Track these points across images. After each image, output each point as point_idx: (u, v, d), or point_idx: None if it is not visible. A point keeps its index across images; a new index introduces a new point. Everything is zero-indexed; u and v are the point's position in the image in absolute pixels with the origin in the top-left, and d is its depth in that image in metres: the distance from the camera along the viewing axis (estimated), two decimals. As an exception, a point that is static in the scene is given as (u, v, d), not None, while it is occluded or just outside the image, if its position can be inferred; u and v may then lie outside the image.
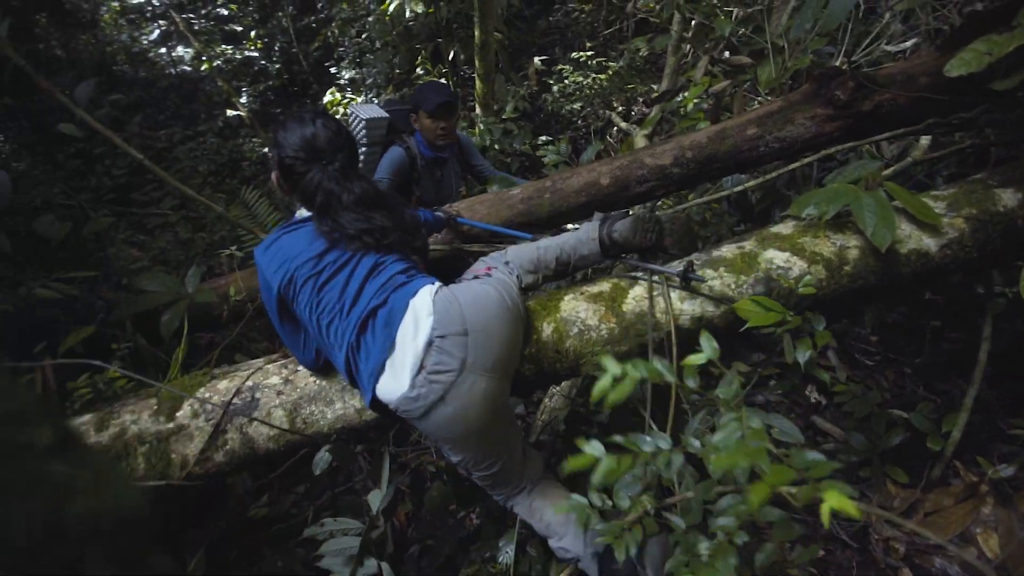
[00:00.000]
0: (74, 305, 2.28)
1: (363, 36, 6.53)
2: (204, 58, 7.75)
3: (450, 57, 5.86)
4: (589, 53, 6.00)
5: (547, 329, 1.38)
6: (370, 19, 5.81)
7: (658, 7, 3.09)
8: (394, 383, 1.18)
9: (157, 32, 8.48)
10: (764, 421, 0.72)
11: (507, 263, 1.43)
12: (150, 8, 8.49)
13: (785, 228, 1.54)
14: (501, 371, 1.22)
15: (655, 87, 5.84)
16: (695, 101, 3.07)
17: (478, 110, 5.30)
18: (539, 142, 5.20)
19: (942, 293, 2.27)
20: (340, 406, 1.37)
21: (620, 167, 2.01)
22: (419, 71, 5.80)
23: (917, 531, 1.48)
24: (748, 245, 1.50)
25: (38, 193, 4.06)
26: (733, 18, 3.63)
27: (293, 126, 1.30)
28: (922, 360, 2.19)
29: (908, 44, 2.78)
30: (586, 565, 1.30)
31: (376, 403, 1.22)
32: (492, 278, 1.33)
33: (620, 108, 6.00)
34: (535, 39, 7.31)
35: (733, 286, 1.41)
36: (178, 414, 1.37)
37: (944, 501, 1.68)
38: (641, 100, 6.02)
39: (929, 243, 1.46)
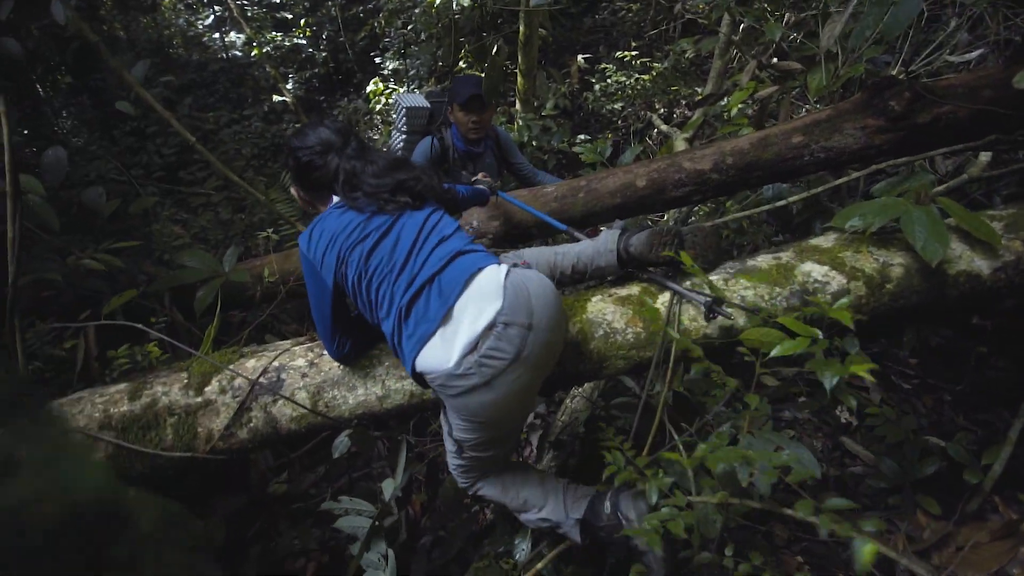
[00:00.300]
0: (118, 276, 2.38)
1: (408, 28, 6.59)
2: (255, 44, 7.95)
3: (493, 51, 5.86)
4: (634, 53, 5.92)
5: (572, 329, 1.37)
6: (416, 11, 5.84)
7: (707, 8, 3.01)
8: (441, 356, 1.14)
9: (212, 17, 8.74)
10: (780, 445, 0.70)
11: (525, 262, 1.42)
12: (208, -8, 8.75)
13: (826, 241, 1.49)
14: (544, 367, 1.21)
15: (699, 90, 5.72)
16: (739, 106, 3.00)
17: (518, 105, 5.28)
18: (577, 140, 5.16)
19: (991, 318, 2.16)
20: (362, 392, 1.39)
21: (657, 170, 1.97)
22: (461, 64, 5.82)
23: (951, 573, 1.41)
24: (785, 256, 1.46)
25: (93, 168, 4.24)
26: (784, 23, 3.53)
27: (303, 132, 1.36)
28: (963, 387, 2.09)
29: (973, 55, 2.65)
30: (568, 530, 1.32)
31: (415, 372, 1.20)
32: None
33: (662, 110, 5.91)
34: (579, 37, 7.25)
35: (766, 298, 1.37)
36: (207, 389, 1.41)
37: (979, 537, 1.59)
38: (684, 103, 5.91)
39: (981, 265, 1.39)
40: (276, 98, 7.47)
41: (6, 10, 2.03)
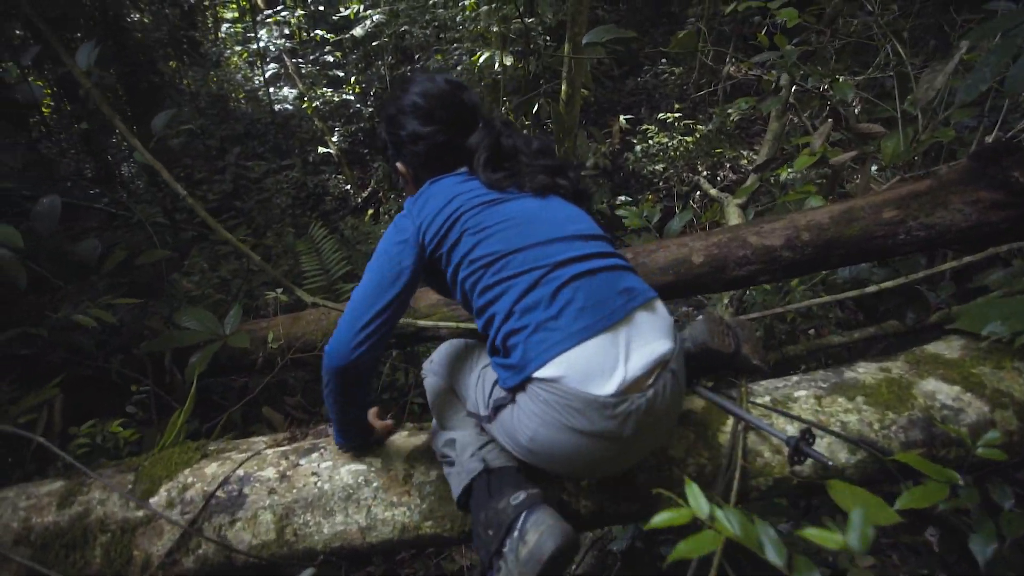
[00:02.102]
0: (113, 333, 2.19)
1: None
2: (306, 98, 8.23)
3: (534, 110, 5.80)
4: (677, 115, 5.77)
5: (612, 454, 1.05)
6: (458, 68, 5.88)
7: (763, 69, 2.80)
8: (599, 366, 0.87)
9: (270, 73, 9.16)
10: None
11: None
12: (268, 53, 9.20)
13: (950, 350, 1.14)
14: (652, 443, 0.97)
15: (744, 153, 5.48)
16: (802, 172, 2.71)
17: (556, 164, 5.14)
18: (617, 201, 4.94)
19: None
20: (341, 520, 1.09)
21: (717, 244, 1.67)
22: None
23: None
24: (896, 368, 1.12)
25: (140, 210, 4.27)
26: (855, 83, 3.27)
27: (418, 83, 1.09)
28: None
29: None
30: (460, 472, 1.04)
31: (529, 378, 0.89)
32: None
33: (706, 172, 5.68)
34: (621, 98, 7.21)
35: (876, 426, 1.03)
36: (152, 500, 1.13)
37: None
38: (728, 166, 5.67)
39: None
40: (321, 149, 7.63)
41: (29, 56, 1.95)
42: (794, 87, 3.23)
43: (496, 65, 5.37)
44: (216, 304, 2.73)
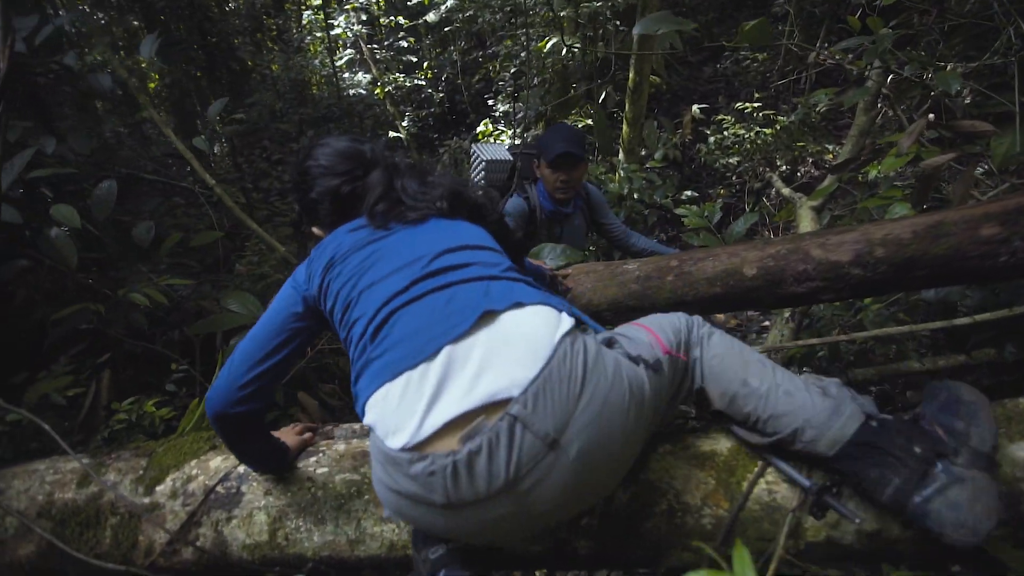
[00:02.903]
0: (169, 312, 2.30)
1: (513, 72, 6.58)
2: (379, 84, 8.41)
3: (601, 98, 5.59)
4: (756, 104, 5.35)
5: (621, 495, 0.94)
6: (522, 55, 5.76)
7: (852, 56, 2.48)
8: (394, 412, 0.75)
9: (346, 59, 9.42)
10: None
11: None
12: (345, 39, 9.46)
13: (1053, 407, 0.93)
14: (561, 511, 0.78)
15: (830, 148, 5.00)
16: (891, 174, 2.40)
17: (621, 155, 4.92)
18: (683, 197, 4.67)
19: None
20: (331, 529, 1.05)
21: (774, 256, 1.49)
22: (573, 111, 5.60)
23: None
24: (978, 424, 0.92)
25: (220, 188, 4.52)
26: (966, 71, 2.86)
27: (322, 145, 1.11)
28: None
29: None
30: None
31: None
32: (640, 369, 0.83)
33: (784, 168, 5.25)
34: (698, 86, 6.81)
35: (944, 494, 0.85)
36: (158, 488, 1.15)
37: None
38: (811, 161, 5.20)
39: None
40: (392, 134, 7.78)
41: (99, 45, 2.04)
42: (890, 76, 2.87)
43: (563, 51, 5.19)
44: (267, 287, 2.82)
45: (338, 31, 8.90)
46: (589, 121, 5.59)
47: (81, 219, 1.72)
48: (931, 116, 3.18)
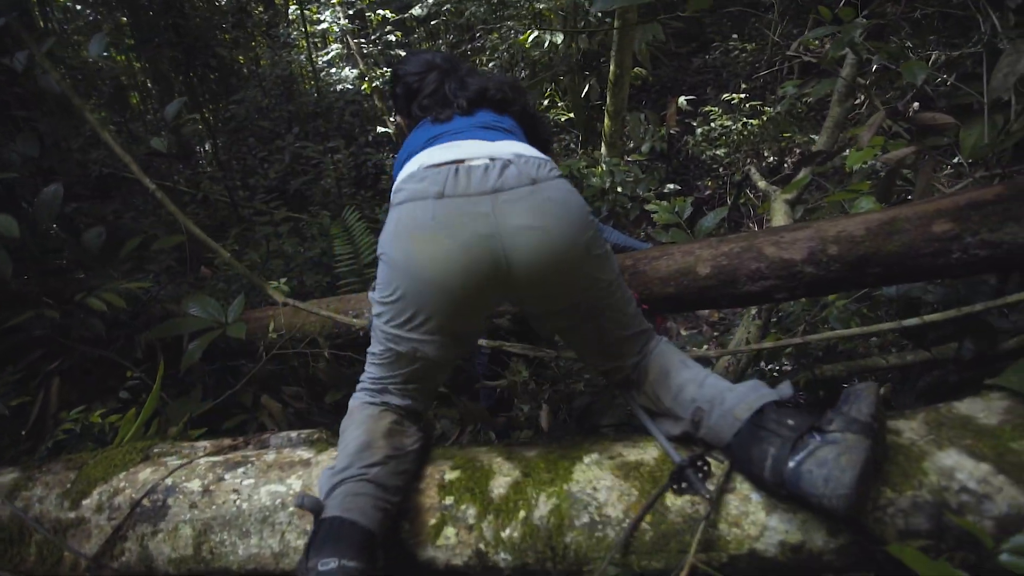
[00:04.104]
0: (132, 316, 2.26)
1: (490, 64, 6.51)
2: (366, 79, 8.32)
3: (584, 92, 5.53)
4: (743, 96, 5.31)
5: (543, 506, 0.91)
6: (501, 48, 5.70)
7: (826, 47, 2.44)
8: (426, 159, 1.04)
9: (332, 54, 9.34)
10: None
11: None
12: (332, 33, 9.37)
13: (987, 412, 0.90)
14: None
15: (816, 138, 4.97)
16: (860, 166, 2.36)
17: (603, 149, 4.88)
18: (665, 190, 4.63)
19: None
20: (256, 543, 1.02)
21: (727, 254, 1.46)
22: (545, 103, 5.55)
23: None
24: (910, 431, 0.90)
25: (203, 189, 4.43)
26: (932, 63, 2.81)
27: (407, 58, 1.39)
28: None
29: None
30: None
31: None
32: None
33: (771, 159, 5.22)
34: (686, 77, 6.75)
35: (870, 506, 0.82)
36: (84, 502, 1.12)
37: None
38: (798, 151, 5.17)
39: None
40: (380, 129, 7.70)
41: (44, 46, 1.99)
42: (865, 67, 2.82)
43: (546, 44, 5.14)
44: (231, 292, 2.78)
45: (324, 26, 8.81)
46: (571, 114, 5.54)
47: (42, 223, 1.67)
48: (916, 106, 3.14)
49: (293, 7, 8.94)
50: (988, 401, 0.93)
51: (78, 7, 7.05)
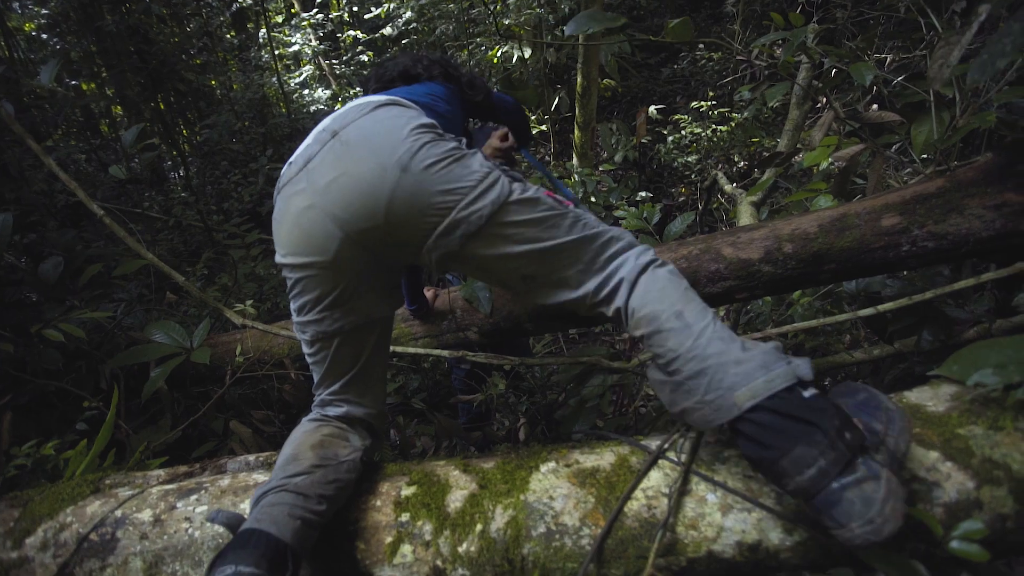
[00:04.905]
0: (81, 347, 2.20)
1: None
2: (339, 99, 8.31)
3: (554, 104, 5.59)
4: (711, 103, 5.41)
5: (499, 518, 0.89)
6: (470, 63, 5.76)
7: (779, 51, 2.50)
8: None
9: (304, 75, 9.34)
10: None
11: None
12: (304, 55, 9.38)
13: (935, 400, 0.91)
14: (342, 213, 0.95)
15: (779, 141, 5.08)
16: (822, 165, 2.41)
17: (574, 160, 4.92)
18: (638, 198, 4.68)
19: None
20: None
21: (687, 257, 1.47)
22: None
23: None
24: (860, 422, 0.90)
25: (175, 214, 4.36)
26: (886, 65, 2.90)
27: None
28: None
29: None
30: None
31: None
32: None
33: (742, 164, 5.30)
34: (656, 87, 6.88)
35: (823, 497, 0.82)
36: (27, 540, 1.07)
37: None
38: (766, 155, 5.27)
39: None
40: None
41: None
42: (830, 70, 2.90)
43: (513, 59, 5.20)
44: (202, 317, 2.73)
45: (296, 48, 8.82)
46: (543, 127, 5.60)
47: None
48: (875, 106, 3.22)
49: (264, 31, 8.94)
50: (936, 389, 0.93)
51: (43, 36, 6.98)
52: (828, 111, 1.78)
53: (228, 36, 9.09)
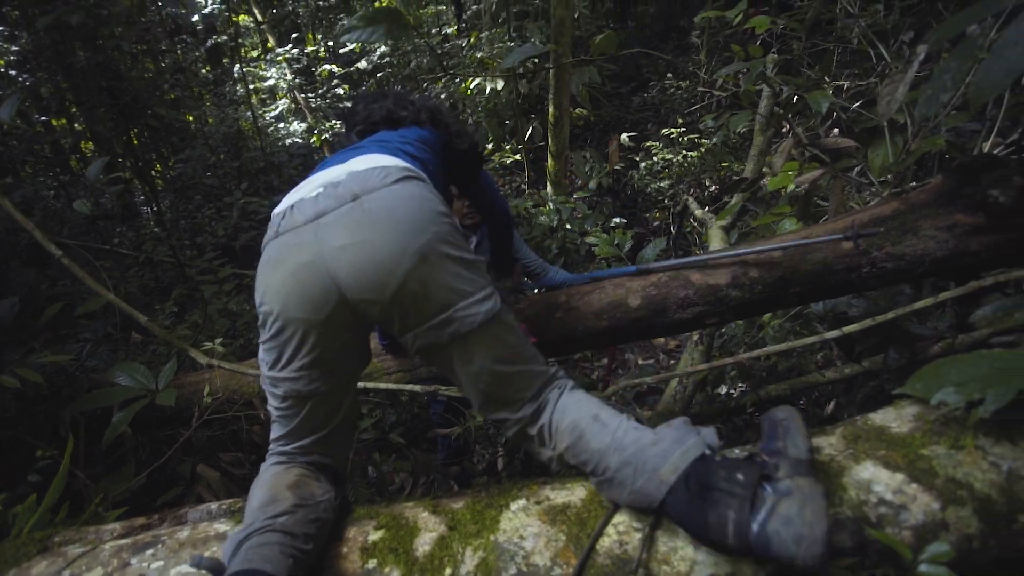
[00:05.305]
0: (53, 389, 2.12)
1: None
2: (315, 131, 8.36)
3: (527, 133, 5.69)
4: (681, 129, 5.57)
5: (469, 561, 0.86)
6: (443, 96, 5.85)
7: (742, 80, 2.60)
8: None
9: (279, 109, 9.38)
10: None
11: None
12: (279, 89, 9.43)
13: (899, 421, 0.92)
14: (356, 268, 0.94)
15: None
16: (788, 189, 2.47)
17: (549, 188, 4.99)
18: (612, 224, 4.74)
19: None
20: (163, 634, 0.93)
21: (656, 284, 1.48)
22: (490, 147, 5.68)
23: None
24: (829, 447, 0.90)
25: (145, 250, 4.28)
26: (844, 92, 3.01)
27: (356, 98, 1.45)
28: None
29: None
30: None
31: None
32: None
33: (713, 188, 5.43)
34: (628, 115, 7.06)
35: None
36: (-33, 607, 1.00)
37: None
38: (734, 179, 5.41)
39: None
40: (330, 180, 7.70)
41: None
42: (792, 98, 3.01)
43: (487, 90, 5.30)
44: (166, 357, 2.65)
45: (271, 82, 8.87)
46: (517, 156, 5.68)
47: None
48: (836, 131, 3.33)
49: (237, 67, 8.99)
50: (899, 409, 0.94)
51: (11, 72, 6.92)
52: (788, 137, 1.84)
53: (204, 71, 9.12)
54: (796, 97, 2.82)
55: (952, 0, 2.31)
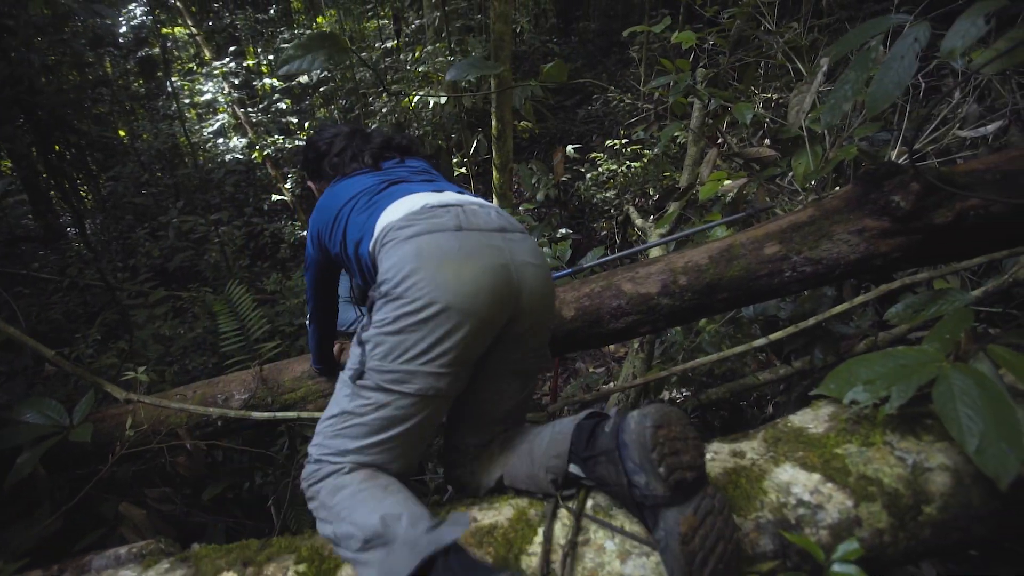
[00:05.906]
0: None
1: (383, 128, 6.63)
2: (257, 147, 8.09)
3: (472, 147, 5.71)
4: (624, 141, 5.71)
5: (393, 593, 0.82)
6: (383, 111, 5.82)
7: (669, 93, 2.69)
8: (393, 212, 1.09)
9: (219, 124, 9.05)
10: None
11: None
12: (217, 103, 9.11)
13: (816, 422, 0.95)
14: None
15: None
16: (723, 197, 2.56)
17: (495, 201, 5.01)
18: (559, 235, 4.80)
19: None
20: None
21: (589, 295, 1.49)
22: (435, 161, 5.65)
23: None
24: (752, 451, 0.92)
25: (71, 272, 3.99)
26: (771, 104, 3.16)
27: (319, 129, 1.47)
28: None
29: (990, 128, 2.19)
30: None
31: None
32: None
33: (657, 197, 5.58)
34: (573, 127, 7.20)
35: (719, 532, 0.82)
36: None
37: None
38: (669, 189, 5.59)
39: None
40: (276, 197, 7.45)
41: None
42: (723, 109, 3.13)
43: (431, 105, 5.28)
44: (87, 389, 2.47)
45: (209, 96, 8.56)
46: (463, 170, 5.68)
47: None
48: (767, 141, 3.46)
49: (172, 80, 8.63)
50: (817, 410, 0.97)
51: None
52: (713, 148, 1.90)
53: (136, 84, 8.72)
54: (725, 108, 2.94)
55: (862, 19, 2.46)
